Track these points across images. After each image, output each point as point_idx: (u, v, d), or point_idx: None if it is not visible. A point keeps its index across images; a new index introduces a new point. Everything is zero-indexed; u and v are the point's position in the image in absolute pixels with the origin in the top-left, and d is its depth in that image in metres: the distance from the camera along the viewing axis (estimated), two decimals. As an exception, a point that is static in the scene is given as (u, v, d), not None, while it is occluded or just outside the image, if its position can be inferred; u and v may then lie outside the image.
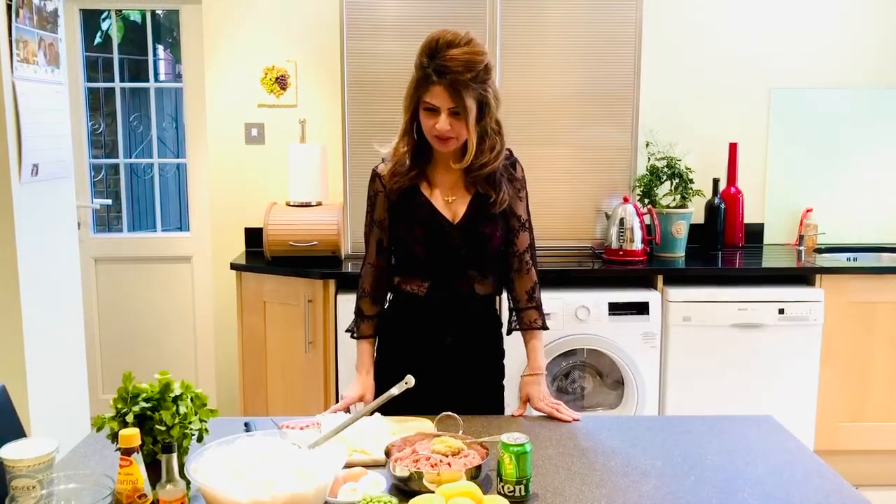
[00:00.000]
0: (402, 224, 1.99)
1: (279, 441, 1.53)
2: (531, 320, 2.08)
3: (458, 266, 2.00)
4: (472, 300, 2.04)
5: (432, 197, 1.98)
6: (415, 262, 2.01)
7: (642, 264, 3.42)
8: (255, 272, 3.44)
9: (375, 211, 2.03)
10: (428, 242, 1.97)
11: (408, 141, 1.94)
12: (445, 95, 1.81)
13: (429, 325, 2.03)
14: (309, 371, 3.29)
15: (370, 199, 2.04)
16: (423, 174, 1.98)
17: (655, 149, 3.61)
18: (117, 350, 4.17)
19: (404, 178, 1.96)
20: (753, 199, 3.89)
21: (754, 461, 1.73)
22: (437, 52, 1.81)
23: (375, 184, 2.02)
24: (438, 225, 1.96)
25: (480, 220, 1.97)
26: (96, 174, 4.35)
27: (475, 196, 1.97)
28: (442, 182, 1.98)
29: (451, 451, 1.63)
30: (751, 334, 3.27)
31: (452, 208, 1.97)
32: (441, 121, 1.83)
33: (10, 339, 2.61)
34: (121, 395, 1.46)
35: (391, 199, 1.99)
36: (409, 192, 1.97)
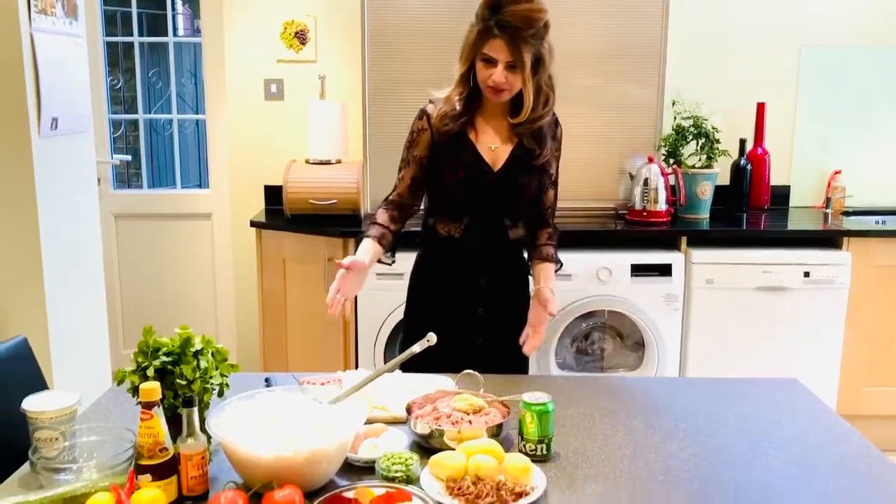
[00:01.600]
0: (446, 166, 2.03)
1: (300, 396, 1.52)
2: (548, 254, 2.13)
3: (493, 211, 2.07)
4: (505, 245, 2.11)
5: (477, 143, 2.02)
6: (452, 205, 2.07)
7: (666, 225, 3.37)
8: (274, 230, 3.42)
9: (415, 148, 2.05)
10: (468, 185, 2.02)
11: (462, 89, 1.98)
12: (504, 49, 1.85)
13: (463, 266, 2.10)
14: (328, 329, 3.29)
15: (412, 136, 2.06)
16: (471, 121, 2.02)
17: (682, 108, 3.54)
18: (138, 306, 4.19)
19: (455, 122, 1.99)
20: (780, 161, 3.80)
21: (779, 423, 1.71)
22: (500, 7, 1.84)
23: (422, 121, 2.04)
24: (480, 170, 2.02)
25: (519, 171, 2.04)
26: (115, 130, 4.33)
27: (517, 147, 2.03)
28: (487, 130, 2.03)
29: (473, 409, 1.62)
30: (775, 297, 3.22)
31: (494, 156, 2.03)
32: (497, 73, 1.88)
33: (32, 292, 2.61)
34: (141, 349, 1.46)
35: (436, 139, 2.02)
36: (457, 136, 2.01)
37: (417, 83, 3.38)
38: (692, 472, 1.47)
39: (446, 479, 1.39)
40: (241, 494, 1.26)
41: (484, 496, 1.33)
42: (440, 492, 1.35)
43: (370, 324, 3.19)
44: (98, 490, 1.28)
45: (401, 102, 3.40)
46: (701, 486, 1.41)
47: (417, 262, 2.20)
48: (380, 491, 1.32)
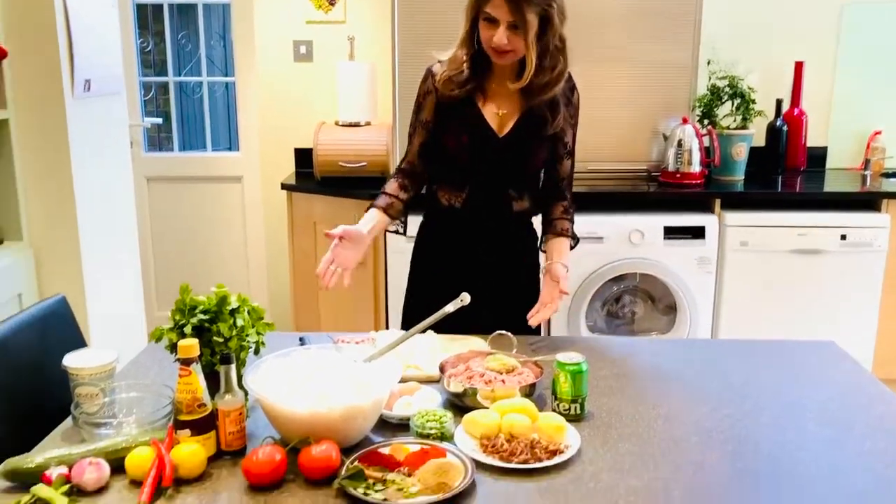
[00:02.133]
0: (449, 130, 1.94)
1: (335, 354, 1.54)
2: (563, 228, 2.01)
3: (497, 180, 1.97)
4: (509, 216, 2.01)
5: (484, 108, 1.93)
6: (455, 172, 1.98)
7: (700, 187, 3.32)
8: (305, 192, 3.43)
9: (422, 112, 1.98)
10: (471, 151, 1.93)
11: (467, 50, 1.88)
12: (505, 8, 1.74)
13: (465, 239, 2.01)
14: (359, 290, 3.31)
15: (419, 99, 1.99)
16: (480, 86, 1.91)
17: (717, 67, 3.46)
18: (170, 268, 4.24)
19: (461, 88, 1.90)
20: (818, 121, 3.72)
21: (815, 386, 1.69)
22: None
23: (427, 83, 1.96)
24: (484, 135, 1.92)
25: (527, 138, 1.93)
26: (146, 93, 4.35)
27: (527, 113, 1.92)
28: (496, 94, 1.92)
29: (506, 368, 1.62)
30: (811, 260, 3.18)
31: (502, 121, 1.93)
32: (499, 34, 1.77)
33: (68, 253, 2.65)
34: (178, 307, 1.47)
35: (441, 102, 1.93)
36: (462, 100, 1.92)
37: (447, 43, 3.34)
38: (726, 433, 1.46)
39: (480, 437, 1.39)
40: (279, 449, 1.28)
41: (518, 454, 1.33)
42: (474, 449, 1.36)
43: (400, 284, 3.18)
44: (139, 444, 1.31)
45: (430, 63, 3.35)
46: (735, 447, 1.40)
47: (420, 230, 2.11)
48: (415, 447, 1.34)
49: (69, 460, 1.28)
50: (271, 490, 1.25)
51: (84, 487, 1.24)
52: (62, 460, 1.28)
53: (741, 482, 1.28)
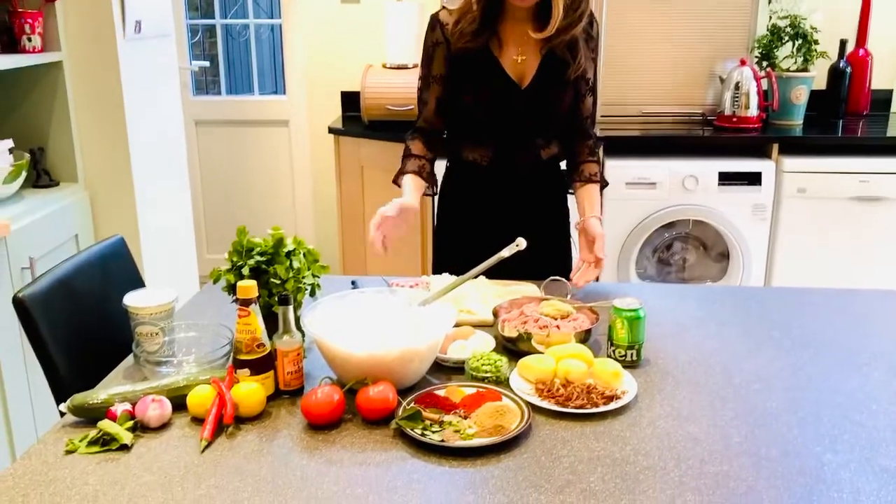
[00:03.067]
0: (466, 85, 1.82)
1: (390, 297, 1.54)
2: (591, 173, 1.90)
3: (523, 132, 1.87)
4: (538, 165, 1.92)
5: (501, 56, 1.79)
6: (477, 127, 1.87)
7: (756, 132, 3.23)
8: (352, 136, 3.41)
9: (433, 64, 1.83)
10: (494, 107, 1.82)
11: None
12: None
13: (493, 192, 1.91)
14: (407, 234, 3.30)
15: (427, 51, 1.84)
16: (493, 32, 1.77)
17: (778, 6, 3.32)
18: (218, 211, 4.28)
19: (473, 39, 1.76)
20: (884, 63, 3.56)
21: (878, 335, 1.65)
22: None
23: (435, 33, 1.81)
24: (506, 89, 1.80)
25: (550, 85, 1.81)
26: (193, 36, 4.34)
27: (547, 57, 1.79)
28: (511, 38, 1.78)
29: (560, 314, 1.60)
30: (872, 207, 3.08)
31: (521, 69, 1.80)
32: None
33: (123, 194, 2.69)
34: (236, 249, 1.48)
35: (453, 53, 1.79)
36: (478, 51, 1.78)
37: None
38: (787, 380, 1.43)
39: (535, 382, 1.39)
40: (337, 389, 1.29)
41: (574, 398, 1.32)
42: (529, 393, 1.36)
43: (448, 230, 3.18)
44: (199, 382, 1.33)
45: (480, 3, 3.29)
46: (796, 395, 1.38)
47: (444, 183, 1.99)
48: (470, 390, 1.34)
49: (133, 397, 1.31)
50: (330, 429, 1.26)
51: (147, 423, 1.27)
52: (126, 397, 1.31)
53: (804, 430, 1.26)
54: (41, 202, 2.47)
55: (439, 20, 1.81)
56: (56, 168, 2.64)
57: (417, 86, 1.91)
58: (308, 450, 1.22)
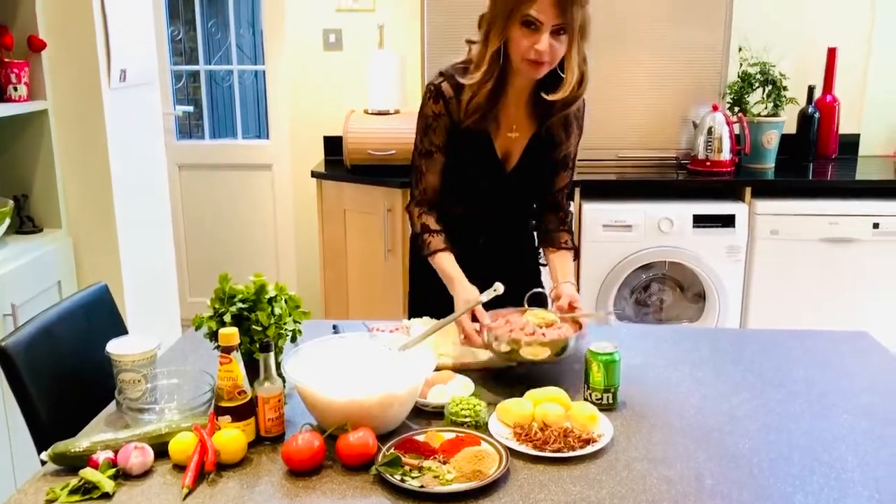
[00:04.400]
0: (458, 156, 1.83)
1: (370, 342, 1.56)
2: (563, 240, 1.92)
3: (503, 202, 1.91)
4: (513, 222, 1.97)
5: (496, 134, 1.82)
6: (460, 191, 1.89)
7: (729, 175, 3.31)
8: (334, 181, 3.46)
9: (434, 135, 1.82)
10: (478, 182, 1.86)
11: (490, 71, 1.71)
12: (553, 9, 1.60)
13: (468, 240, 1.91)
14: (388, 277, 3.34)
15: (426, 120, 1.82)
16: (496, 113, 1.79)
17: (748, 53, 3.43)
18: (201, 255, 4.30)
19: (483, 118, 1.77)
20: (850, 108, 3.67)
21: (849, 376, 1.69)
22: None
23: (438, 105, 1.78)
24: (491, 170, 1.84)
25: (534, 166, 1.85)
26: (177, 81, 4.40)
27: (535, 136, 1.83)
28: (509, 113, 1.81)
29: (545, 322, 1.65)
30: (842, 249, 3.15)
31: (511, 146, 1.83)
32: (542, 40, 1.62)
33: (106, 240, 2.71)
34: (218, 296, 1.50)
35: (455, 126, 1.79)
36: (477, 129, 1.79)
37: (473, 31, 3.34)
38: (759, 421, 1.47)
39: (514, 425, 1.42)
40: (317, 435, 1.31)
41: (551, 442, 1.35)
42: (508, 437, 1.38)
43: (429, 273, 3.21)
44: (181, 430, 1.34)
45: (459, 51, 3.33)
46: (768, 437, 1.41)
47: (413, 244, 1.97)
48: (449, 435, 1.36)
49: (115, 445, 1.32)
50: (310, 475, 1.28)
51: (130, 471, 1.28)
52: (108, 445, 1.32)
53: (775, 472, 1.29)
54: (24, 248, 2.48)
55: (442, 93, 1.78)
56: (40, 214, 2.66)
57: (413, 152, 1.90)
58: (289, 496, 1.23)
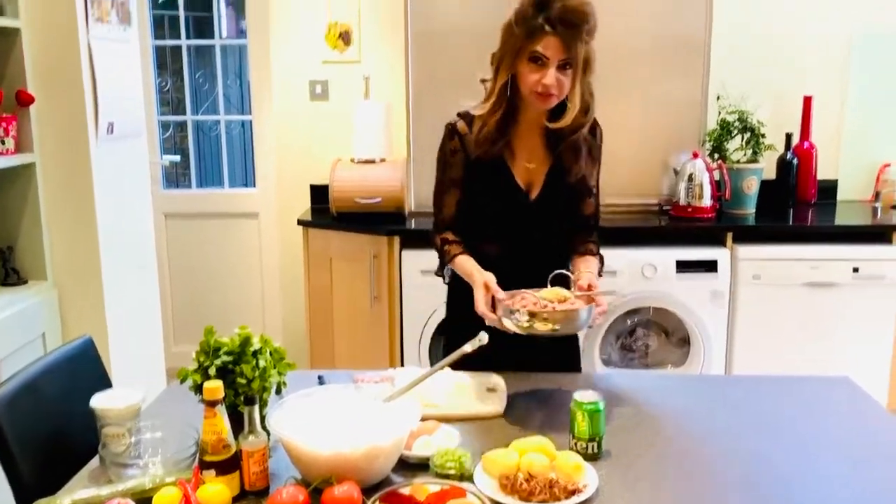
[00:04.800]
0: (480, 191, 1.93)
1: (355, 394, 1.57)
2: (588, 248, 2.00)
3: (531, 233, 1.97)
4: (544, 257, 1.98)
5: (514, 165, 1.91)
6: (488, 227, 1.97)
7: (711, 221, 3.35)
8: (321, 228, 3.48)
9: (452, 170, 1.94)
10: (504, 214, 1.94)
11: (500, 104, 1.83)
12: (559, 45, 1.73)
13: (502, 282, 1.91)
14: (374, 325, 3.34)
15: (445, 156, 1.95)
16: (507, 141, 1.89)
17: (726, 102, 3.51)
18: (187, 303, 4.29)
19: (492, 148, 1.87)
20: (828, 154, 3.74)
21: (831, 422, 1.70)
22: (549, 3, 1.73)
23: (454, 142, 1.92)
24: (516, 200, 1.92)
25: (558, 193, 1.93)
26: (164, 131, 4.44)
27: (554, 165, 1.92)
28: (523, 145, 1.91)
29: (559, 298, 1.71)
30: (824, 294, 3.19)
31: (531, 177, 1.92)
32: (549, 75, 1.74)
33: (91, 293, 2.71)
34: (203, 349, 1.51)
35: (471, 160, 1.90)
36: (492, 159, 1.90)
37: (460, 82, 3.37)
38: (743, 468, 1.48)
39: (499, 477, 1.42)
40: (302, 489, 1.30)
41: (537, 493, 1.35)
42: (493, 489, 1.38)
43: (415, 321, 3.23)
44: (165, 485, 1.34)
45: (444, 101, 3.37)
46: (752, 483, 1.42)
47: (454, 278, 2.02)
48: (434, 487, 1.36)
49: (97, 501, 1.31)
50: (295, 530, 1.27)
51: (112, 528, 1.27)
52: (90, 502, 1.31)
53: (758, 521, 1.30)
54: (8, 301, 2.48)
55: (457, 130, 1.91)
56: (25, 266, 2.66)
57: (435, 189, 1.99)
58: (273, 552, 1.22)
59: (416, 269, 3.20)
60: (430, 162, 3.40)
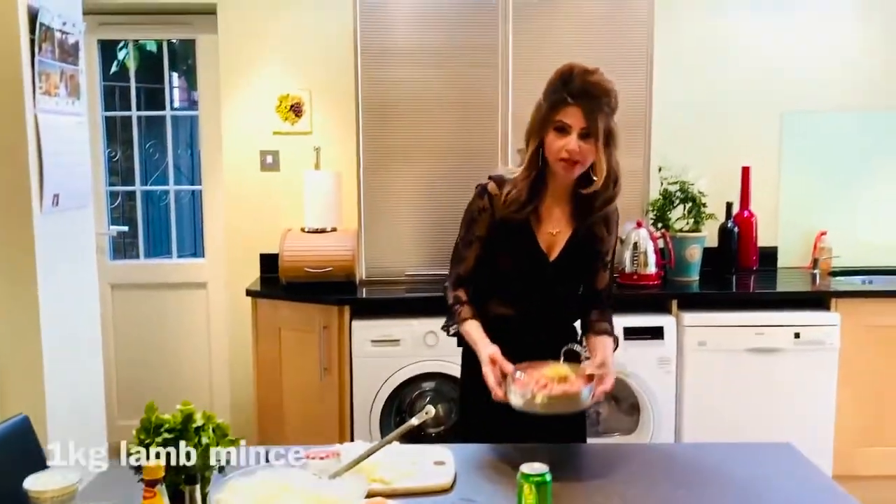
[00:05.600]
0: (502, 249, 2.01)
1: (300, 472, 1.54)
2: (602, 329, 2.07)
3: (548, 297, 2.05)
4: (557, 321, 2.09)
5: (538, 230, 2.00)
6: (506, 287, 2.04)
7: (657, 288, 3.42)
8: (270, 298, 3.45)
9: (476, 227, 2.02)
10: (524, 274, 2.01)
11: (531, 170, 1.95)
12: (579, 115, 1.85)
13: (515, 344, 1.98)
14: (324, 397, 3.30)
15: (473, 214, 2.03)
16: (536, 207, 1.98)
17: (668, 173, 3.62)
18: (133, 376, 4.18)
19: (521, 210, 1.96)
20: (767, 222, 3.88)
21: (775, 489, 1.72)
22: (573, 78, 1.86)
23: (483, 201, 2.00)
24: (536, 260, 2.00)
25: (576, 259, 2.02)
26: (113, 201, 4.40)
27: (576, 233, 2.00)
28: (551, 214, 2.00)
29: (560, 377, 1.75)
30: (767, 359, 3.26)
31: (553, 242, 2.01)
32: (572, 141, 1.86)
33: (31, 369, 2.63)
34: (144, 426, 1.48)
35: (496, 220, 1.99)
36: (518, 221, 1.98)
37: (410, 152, 3.49)
38: (689, 540, 1.48)
39: (446, 553, 1.40)
40: (243, 572, 1.27)
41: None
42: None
43: (365, 393, 3.20)
44: (100, 570, 1.29)
45: (394, 171, 3.49)
46: (698, 555, 1.42)
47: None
48: (381, 566, 1.34)
49: (28, 590, 1.26)
50: None
51: None
52: (21, 590, 1.25)
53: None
54: (-58, 377, 2.39)
55: (488, 191, 2.00)
56: (-40, 343, 2.58)
57: (457, 243, 2.08)
58: None
59: (367, 339, 3.20)
60: (381, 230, 3.48)
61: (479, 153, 3.43)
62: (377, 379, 3.17)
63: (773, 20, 3.86)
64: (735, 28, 3.86)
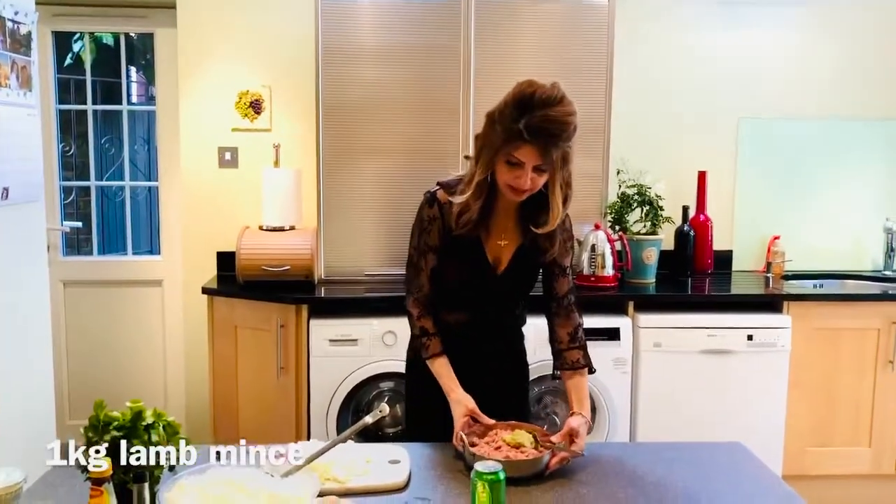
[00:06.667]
0: (451, 262, 2.01)
1: (252, 470, 1.52)
2: (573, 360, 2.06)
3: (495, 304, 2.08)
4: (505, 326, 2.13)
5: (487, 241, 1.99)
6: (454, 297, 2.05)
7: (613, 290, 3.46)
8: (226, 297, 3.41)
9: (429, 237, 2.00)
10: (470, 285, 2.02)
11: (481, 193, 1.90)
12: (535, 154, 1.77)
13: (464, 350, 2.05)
14: (281, 397, 3.27)
15: (424, 223, 2.00)
16: (484, 222, 1.96)
17: (626, 177, 3.66)
18: (85, 374, 4.11)
19: (473, 229, 1.94)
20: (722, 226, 3.95)
21: (725, 489, 1.75)
22: (531, 109, 1.75)
23: (433, 210, 1.98)
24: (483, 272, 2.00)
25: (523, 269, 2.03)
26: (66, 196, 4.31)
27: (525, 244, 2.00)
28: (498, 224, 1.99)
29: (515, 443, 1.80)
30: (720, 360, 3.31)
31: (500, 253, 2.01)
32: (524, 177, 1.80)
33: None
34: (92, 424, 1.45)
35: (447, 231, 1.97)
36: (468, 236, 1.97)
37: (370, 151, 3.48)
38: (640, 538, 1.50)
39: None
40: (192, 572, 1.25)
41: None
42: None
43: (323, 393, 3.18)
44: (44, 571, 1.26)
45: (354, 170, 3.48)
46: (648, 553, 1.44)
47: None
48: (332, 565, 1.33)
49: (-33, 591, 1.22)
50: None
51: None
52: (-40, 592, 1.22)
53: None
54: None
55: (437, 198, 1.97)
56: None
57: (410, 254, 2.05)
58: None
59: (325, 338, 3.17)
60: (339, 229, 3.46)
61: (440, 154, 3.43)
62: (335, 378, 3.15)
63: (731, 30, 3.93)
64: (693, 36, 3.92)
